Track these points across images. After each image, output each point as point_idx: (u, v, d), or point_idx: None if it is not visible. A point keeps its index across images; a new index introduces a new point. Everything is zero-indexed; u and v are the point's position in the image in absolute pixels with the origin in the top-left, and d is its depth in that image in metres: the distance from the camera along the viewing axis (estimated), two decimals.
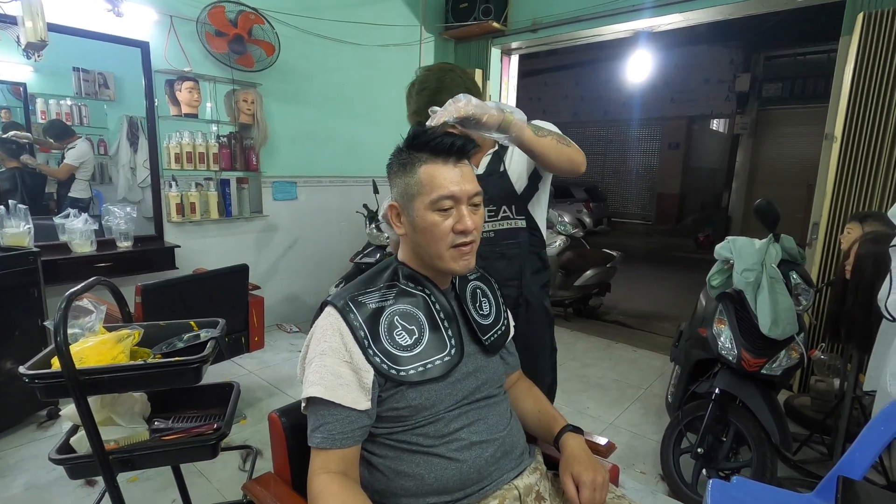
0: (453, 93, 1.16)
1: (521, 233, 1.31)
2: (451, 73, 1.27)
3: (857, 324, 1.71)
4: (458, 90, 1.19)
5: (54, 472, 1.93)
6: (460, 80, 1.26)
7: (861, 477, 1.12)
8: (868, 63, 2.49)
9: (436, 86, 1.24)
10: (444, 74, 1.26)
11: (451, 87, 1.23)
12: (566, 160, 1.13)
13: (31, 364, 1.12)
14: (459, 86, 1.24)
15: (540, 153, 1.10)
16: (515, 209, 1.30)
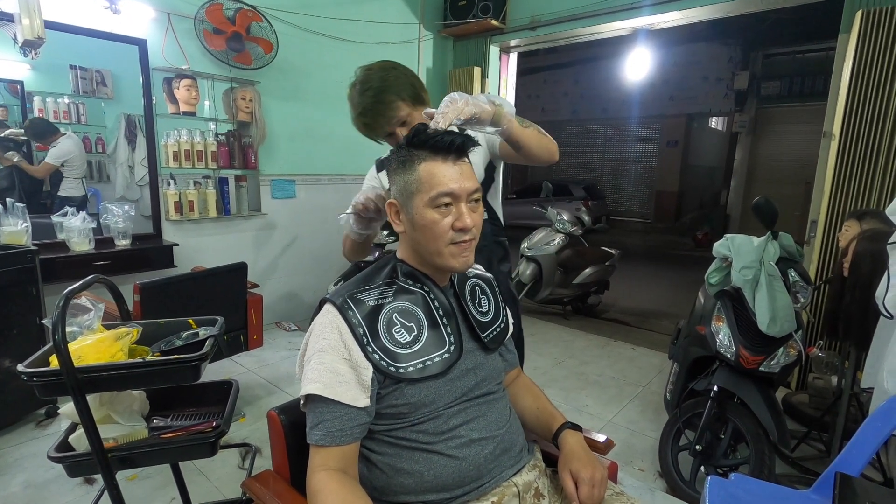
0: (399, 90, 1.22)
1: (485, 224, 1.33)
2: (394, 71, 1.26)
3: (854, 321, 1.72)
4: (404, 88, 1.23)
5: (53, 471, 1.93)
6: (404, 77, 1.26)
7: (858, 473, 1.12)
8: (866, 61, 2.49)
9: (380, 85, 1.23)
10: (386, 73, 1.25)
11: (395, 85, 1.23)
12: (545, 150, 1.17)
13: (30, 362, 1.11)
14: (404, 83, 1.24)
15: (525, 144, 1.12)
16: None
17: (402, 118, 1.24)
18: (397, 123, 1.25)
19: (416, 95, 1.26)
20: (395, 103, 1.22)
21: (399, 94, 1.23)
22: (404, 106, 1.23)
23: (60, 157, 2.86)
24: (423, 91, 1.28)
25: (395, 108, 1.23)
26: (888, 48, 2.44)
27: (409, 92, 1.24)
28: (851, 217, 2.06)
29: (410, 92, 1.24)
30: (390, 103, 1.22)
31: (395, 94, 1.22)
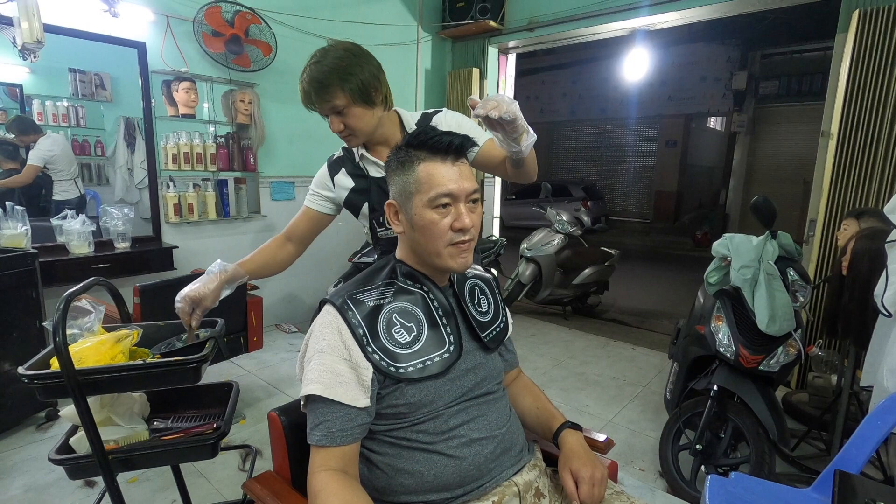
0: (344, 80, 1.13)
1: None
2: (353, 59, 1.16)
3: (853, 320, 1.72)
4: (351, 80, 1.14)
5: (53, 474, 1.93)
6: (360, 69, 1.16)
7: (858, 472, 1.12)
8: (864, 60, 2.50)
9: (330, 66, 1.14)
10: (343, 58, 1.15)
11: (344, 74, 1.14)
12: (534, 169, 1.19)
13: (31, 365, 1.11)
14: (354, 76, 1.15)
15: (529, 166, 1.15)
16: None
17: (337, 107, 1.17)
18: (329, 110, 1.18)
19: (361, 91, 1.16)
20: (334, 90, 1.15)
21: (343, 83, 1.14)
22: (342, 97, 1.15)
23: (42, 158, 2.76)
24: (374, 91, 1.19)
25: (332, 94, 1.15)
26: (885, 47, 2.45)
27: (355, 86, 1.15)
28: (850, 216, 2.06)
29: (356, 87, 1.15)
30: (329, 87, 1.14)
31: (338, 82, 1.14)
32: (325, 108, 1.18)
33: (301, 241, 1.44)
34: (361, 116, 1.20)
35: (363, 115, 1.20)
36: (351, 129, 1.21)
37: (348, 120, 1.19)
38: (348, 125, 1.20)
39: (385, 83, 1.23)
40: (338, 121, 1.20)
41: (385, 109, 1.26)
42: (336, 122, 1.20)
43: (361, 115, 1.19)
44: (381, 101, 1.23)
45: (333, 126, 1.21)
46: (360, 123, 1.20)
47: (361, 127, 1.21)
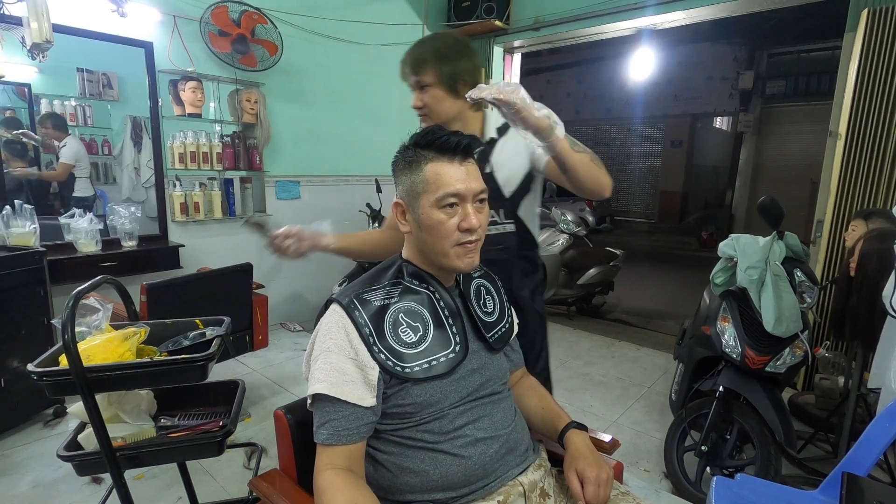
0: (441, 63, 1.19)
1: (510, 237, 1.29)
2: (460, 49, 1.23)
3: (861, 321, 1.71)
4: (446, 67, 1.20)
5: (61, 470, 1.94)
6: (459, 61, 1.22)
7: (866, 474, 1.12)
8: (872, 60, 2.48)
9: (435, 46, 1.22)
10: (452, 46, 1.23)
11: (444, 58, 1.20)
12: (593, 181, 1.09)
13: (40, 362, 1.13)
14: (451, 64, 1.20)
15: (572, 167, 1.06)
16: (504, 213, 1.28)
17: (422, 83, 1.23)
18: (415, 83, 1.24)
19: (450, 77, 1.21)
20: (427, 67, 1.21)
21: (436, 64, 1.20)
22: (430, 75, 1.21)
23: (75, 157, 2.91)
24: (462, 83, 1.21)
25: (423, 70, 1.21)
26: (894, 47, 2.42)
27: (446, 70, 1.20)
28: (858, 217, 2.05)
29: (447, 71, 1.20)
30: (424, 62, 1.21)
31: (434, 60, 1.20)
32: (413, 80, 1.24)
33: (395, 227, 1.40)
34: (440, 100, 1.23)
35: (442, 100, 1.23)
36: (428, 109, 1.24)
37: (427, 98, 1.23)
38: (426, 104, 1.24)
39: (473, 81, 1.24)
40: (419, 96, 1.25)
41: (471, 107, 1.28)
42: (417, 97, 1.25)
43: (441, 99, 1.23)
44: (461, 94, 1.23)
45: (414, 100, 1.26)
46: (436, 106, 1.24)
47: (437, 110, 1.24)
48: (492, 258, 1.26)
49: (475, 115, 1.30)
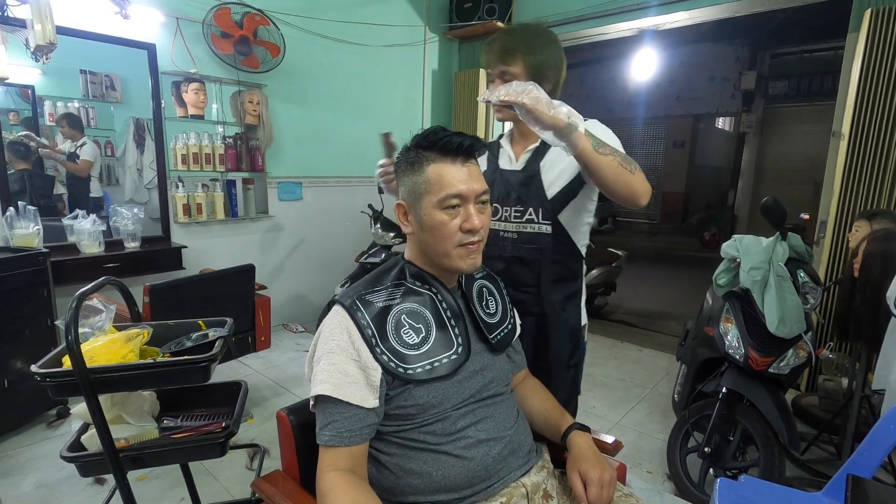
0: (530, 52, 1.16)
1: (544, 238, 1.24)
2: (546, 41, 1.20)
3: (865, 322, 1.70)
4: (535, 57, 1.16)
5: (64, 471, 1.94)
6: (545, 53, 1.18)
7: (870, 476, 1.11)
8: (875, 60, 2.48)
9: (523, 36, 1.19)
10: (539, 37, 1.20)
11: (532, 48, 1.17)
12: (623, 186, 1.02)
13: (43, 363, 1.13)
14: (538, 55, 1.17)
15: (595, 170, 1.00)
16: (542, 214, 1.23)
17: (508, 73, 1.18)
18: (500, 73, 1.20)
19: (537, 70, 1.18)
20: (516, 57, 1.17)
21: (526, 55, 1.17)
22: (518, 66, 1.17)
23: (94, 155, 2.97)
24: (545, 78, 1.19)
25: (512, 60, 1.17)
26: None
27: (534, 62, 1.17)
28: (861, 217, 2.04)
29: (535, 63, 1.18)
30: (513, 52, 1.17)
31: (524, 51, 1.17)
32: (499, 69, 1.19)
33: None
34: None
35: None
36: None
37: None
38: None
39: (561, 79, 1.24)
40: (499, 83, 1.19)
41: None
42: (496, 86, 1.19)
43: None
44: (547, 90, 1.18)
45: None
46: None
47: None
48: (522, 256, 1.26)
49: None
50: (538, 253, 1.25)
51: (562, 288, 1.27)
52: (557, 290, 1.27)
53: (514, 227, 1.25)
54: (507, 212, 1.27)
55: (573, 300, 1.29)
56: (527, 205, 1.23)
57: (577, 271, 1.30)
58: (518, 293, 1.27)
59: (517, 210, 1.25)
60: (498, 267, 1.30)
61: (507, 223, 1.27)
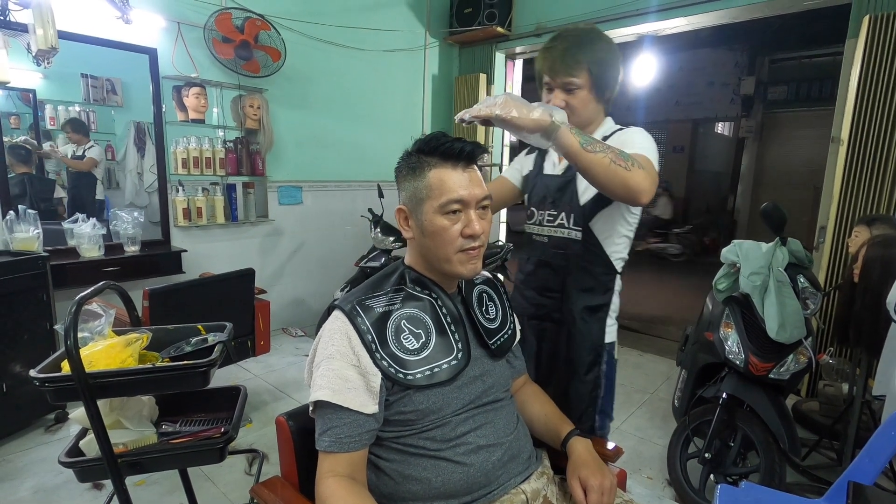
0: (594, 61, 1.12)
1: (573, 245, 1.21)
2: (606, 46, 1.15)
3: (865, 328, 1.70)
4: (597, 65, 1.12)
5: (62, 476, 1.94)
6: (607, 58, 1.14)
7: (871, 482, 1.11)
8: (874, 66, 2.49)
9: (584, 39, 1.14)
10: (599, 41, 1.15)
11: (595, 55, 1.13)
12: (619, 185, 0.97)
13: (42, 367, 1.12)
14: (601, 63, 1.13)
15: (585, 168, 0.97)
16: (573, 219, 1.20)
17: (572, 84, 1.14)
18: (562, 83, 1.15)
19: (599, 81, 1.15)
20: (581, 67, 1.13)
21: (591, 65, 1.13)
22: (583, 77, 1.13)
23: (100, 155, 3.00)
24: (607, 87, 1.18)
25: (577, 70, 1.13)
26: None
27: (599, 74, 1.14)
28: (861, 223, 2.05)
29: (599, 74, 1.14)
30: (579, 62, 1.12)
31: (588, 61, 1.13)
32: (561, 79, 1.14)
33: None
34: (586, 104, 1.17)
35: (588, 104, 1.17)
36: (570, 110, 1.15)
37: (573, 100, 1.15)
38: (571, 105, 1.15)
39: (616, 88, 1.22)
40: (561, 97, 1.16)
41: (605, 109, 1.24)
42: (559, 98, 1.16)
43: (587, 103, 1.17)
44: (605, 99, 1.21)
45: (554, 100, 1.16)
46: (583, 110, 1.17)
47: (580, 113, 1.17)
48: (549, 260, 1.25)
49: (599, 117, 1.24)
50: (565, 259, 1.23)
51: (587, 298, 1.23)
52: (581, 299, 1.23)
53: (547, 231, 1.25)
54: (541, 216, 1.27)
55: (598, 313, 1.24)
56: (560, 209, 1.22)
57: (608, 284, 1.24)
58: (542, 297, 1.27)
59: (550, 214, 1.24)
60: (527, 269, 1.31)
61: (541, 227, 1.26)
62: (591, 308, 1.23)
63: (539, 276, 1.26)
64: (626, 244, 1.24)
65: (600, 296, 1.24)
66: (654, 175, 1.02)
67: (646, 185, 0.98)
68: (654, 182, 1.01)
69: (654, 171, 1.03)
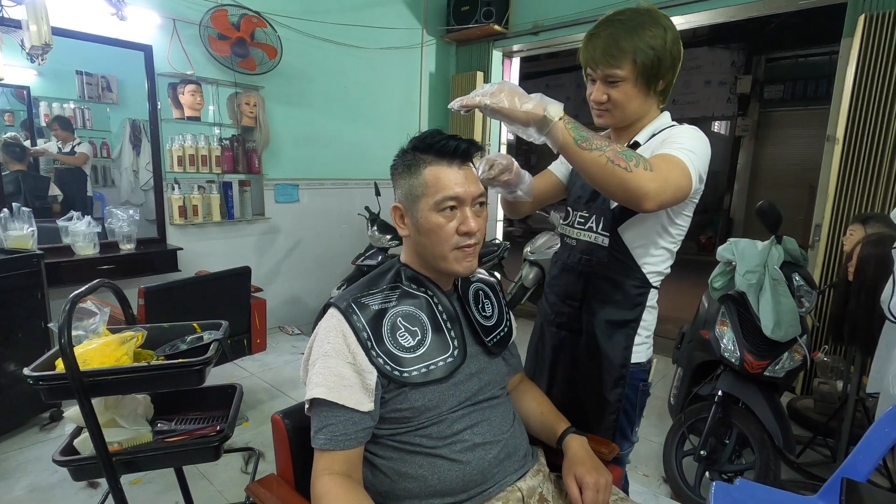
0: (641, 51, 0.97)
1: (599, 251, 1.11)
2: (656, 31, 0.98)
3: (860, 326, 1.71)
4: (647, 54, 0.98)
5: (57, 475, 1.93)
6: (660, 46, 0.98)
7: (865, 479, 1.11)
8: (869, 65, 2.50)
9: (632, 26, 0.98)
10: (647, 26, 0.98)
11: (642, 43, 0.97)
12: (616, 185, 0.86)
13: (36, 366, 1.12)
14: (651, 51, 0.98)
15: (580, 168, 0.90)
16: (603, 224, 1.10)
17: (614, 77, 1.01)
18: (603, 76, 1.02)
19: (647, 70, 1.00)
20: (625, 59, 0.99)
21: (639, 51, 0.98)
22: (627, 68, 0.99)
23: (90, 150, 2.98)
24: (656, 78, 1.02)
25: (620, 62, 0.99)
26: (891, 52, 2.44)
27: (647, 62, 0.98)
28: (856, 221, 2.06)
29: (647, 63, 0.99)
30: (623, 53, 0.98)
31: (634, 48, 0.98)
32: (602, 71, 1.02)
33: (536, 197, 1.23)
34: (631, 98, 1.03)
35: (633, 98, 1.03)
36: (613, 104, 1.04)
37: (616, 94, 1.03)
38: (613, 99, 1.03)
39: (674, 76, 1.06)
40: (603, 90, 1.03)
41: (657, 101, 1.09)
42: (600, 91, 1.04)
43: (632, 97, 1.03)
44: (656, 91, 1.06)
45: (595, 93, 1.05)
46: (627, 104, 1.04)
47: (624, 108, 1.04)
48: (574, 266, 1.16)
49: (653, 112, 1.10)
50: (589, 266, 1.13)
51: (610, 311, 1.12)
52: (603, 311, 1.12)
53: (576, 233, 1.16)
54: (574, 217, 1.18)
55: (623, 330, 1.11)
56: (591, 212, 1.13)
57: (638, 300, 1.11)
58: (563, 304, 1.19)
59: (582, 216, 1.15)
60: (553, 273, 1.24)
61: (572, 229, 1.18)
62: (615, 322, 1.12)
63: (562, 282, 1.19)
64: (666, 258, 1.11)
65: (627, 310, 1.11)
66: (672, 178, 0.89)
67: (650, 187, 0.86)
68: (668, 186, 0.88)
69: (674, 174, 0.90)
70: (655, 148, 1.00)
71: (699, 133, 1.02)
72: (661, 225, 1.07)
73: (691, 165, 0.93)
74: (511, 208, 1.27)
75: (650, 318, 1.16)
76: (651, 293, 1.12)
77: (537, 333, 1.32)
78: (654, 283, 1.12)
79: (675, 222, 1.07)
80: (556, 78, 11.48)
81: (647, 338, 1.17)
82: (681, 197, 0.93)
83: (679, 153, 0.93)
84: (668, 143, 0.97)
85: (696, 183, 0.95)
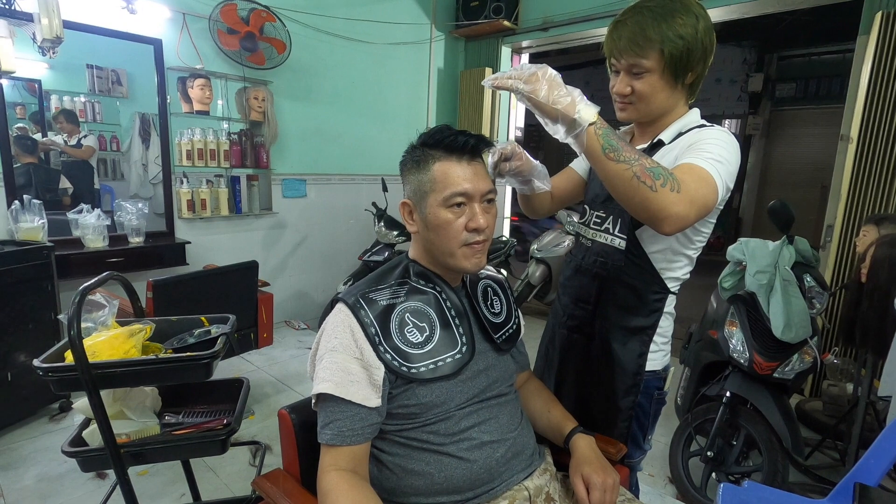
0: (668, 39, 0.91)
1: (615, 254, 1.06)
2: (686, 20, 0.93)
3: (871, 328, 1.69)
4: (675, 44, 0.92)
5: (66, 465, 1.95)
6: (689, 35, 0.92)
7: (876, 484, 1.10)
8: (885, 63, 2.45)
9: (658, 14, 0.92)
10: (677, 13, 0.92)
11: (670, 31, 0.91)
12: (638, 203, 0.81)
13: (45, 357, 1.13)
14: (680, 40, 0.92)
15: (603, 178, 0.85)
16: (620, 226, 1.05)
17: (639, 67, 0.95)
18: (626, 66, 0.96)
19: (677, 67, 0.94)
20: (651, 48, 0.92)
21: (666, 41, 0.91)
22: (653, 59, 0.93)
23: (96, 143, 2.99)
24: (685, 69, 0.96)
25: (645, 52, 0.93)
26: None
27: (675, 50, 0.92)
28: (869, 222, 2.03)
29: (676, 59, 0.93)
30: (649, 42, 0.92)
31: (662, 37, 0.91)
32: (626, 61, 0.96)
33: (556, 196, 1.22)
34: (657, 91, 0.97)
35: (659, 91, 0.97)
36: (637, 97, 0.98)
37: (640, 85, 0.96)
38: (637, 91, 0.97)
39: (705, 69, 1.00)
40: (627, 81, 0.98)
41: (685, 96, 1.03)
42: (624, 82, 0.98)
43: (657, 90, 0.97)
44: (684, 84, 1.00)
45: (619, 85, 0.99)
46: (652, 96, 0.97)
47: (648, 101, 0.98)
48: (588, 268, 1.12)
49: (681, 108, 1.04)
50: (604, 268, 1.08)
51: (625, 317, 1.07)
52: (618, 317, 1.08)
53: (592, 234, 1.12)
54: (591, 216, 1.14)
55: (638, 336, 1.07)
56: (609, 212, 1.08)
57: (655, 306, 1.06)
58: (575, 307, 1.16)
59: (598, 216, 1.10)
60: (566, 274, 1.21)
61: (588, 229, 1.14)
62: (630, 329, 1.07)
63: (575, 284, 1.15)
64: (686, 264, 1.06)
65: (643, 317, 1.06)
66: (699, 197, 0.82)
67: (673, 210, 0.79)
68: (693, 208, 0.81)
69: (701, 192, 0.83)
70: (681, 152, 0.94)
71: (730, 138, 0.94)
72: (682, 232, 0.99)
73: (719, 178, 0.87)
74: (529, 205, 1.20)
75: (667, 324, 1.10)
76: (669, 299, 1.07)
77: (548, 335, 1.29)
78: (672, 288, 1.07)
79: (699, 229, 1.03)
80: (566, 74, 11.26)
81: (664, 344, 1.12)
82: (704, 214, 0.86)
83: (707, 164, 0.87)
84: (695, 150, 0.91)
85: (722, 194, 0.89)
